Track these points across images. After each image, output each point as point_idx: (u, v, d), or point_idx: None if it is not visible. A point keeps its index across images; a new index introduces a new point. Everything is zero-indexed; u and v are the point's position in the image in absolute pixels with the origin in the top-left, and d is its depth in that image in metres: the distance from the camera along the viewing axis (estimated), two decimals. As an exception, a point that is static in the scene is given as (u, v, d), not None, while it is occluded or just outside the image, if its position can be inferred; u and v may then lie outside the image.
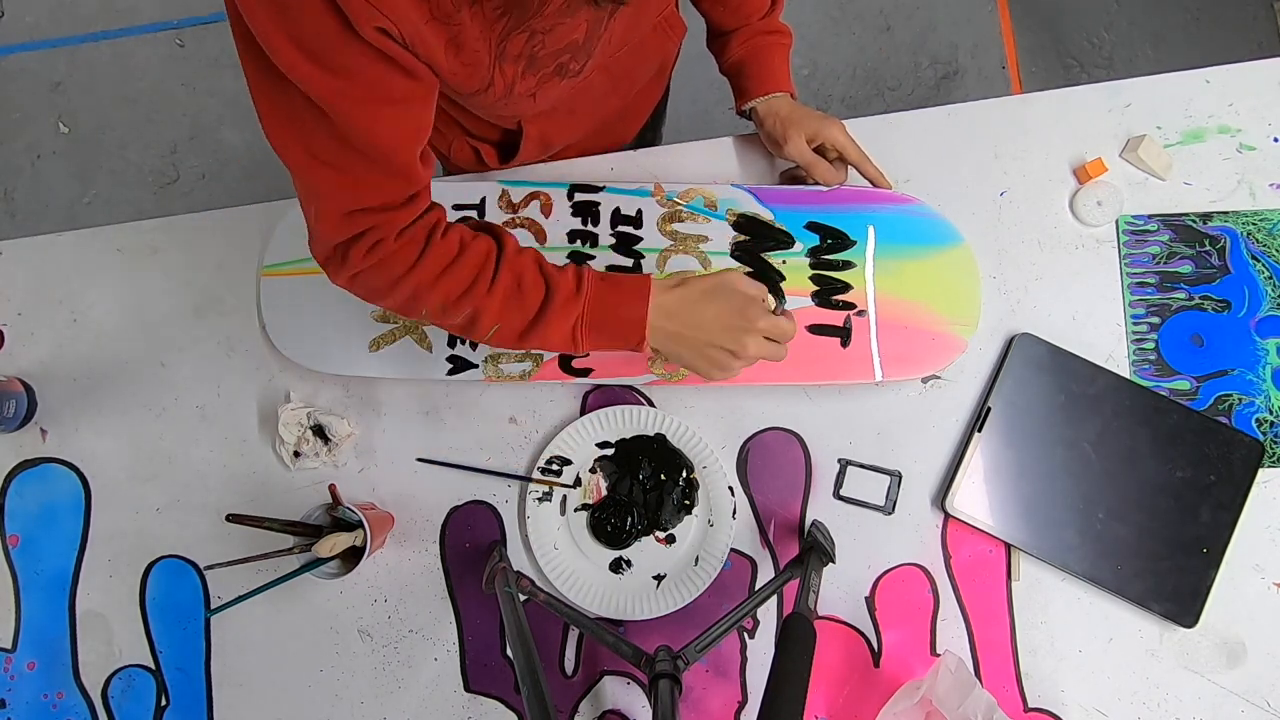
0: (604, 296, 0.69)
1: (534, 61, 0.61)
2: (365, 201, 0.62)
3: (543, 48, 0.60)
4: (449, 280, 0.66)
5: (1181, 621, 0.81)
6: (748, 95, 0.89)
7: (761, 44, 0.88)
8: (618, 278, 0.70)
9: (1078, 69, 1.92)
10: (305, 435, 0.86)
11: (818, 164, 0.86)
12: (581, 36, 0.63)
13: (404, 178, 0.62)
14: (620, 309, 0.69)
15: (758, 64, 0.88)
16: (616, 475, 0.86)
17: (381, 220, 0.63)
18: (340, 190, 0.61)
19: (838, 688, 0.84)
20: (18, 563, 0.89)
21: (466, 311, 0.68)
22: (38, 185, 1.98)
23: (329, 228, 0.63)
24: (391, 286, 0.66)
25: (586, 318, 0.69)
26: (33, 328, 0.92)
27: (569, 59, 0.64)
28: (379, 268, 0.65)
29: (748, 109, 0.90)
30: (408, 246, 0.65)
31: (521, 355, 0.85)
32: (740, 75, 0.89)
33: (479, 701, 0.85)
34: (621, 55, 0.76)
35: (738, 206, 0.88)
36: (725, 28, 0.89)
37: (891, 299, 0.85)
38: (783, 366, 0.83)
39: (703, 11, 0.90)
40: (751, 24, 0.87)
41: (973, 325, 0.85)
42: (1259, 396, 0.85)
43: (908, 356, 0.84)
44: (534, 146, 0.87)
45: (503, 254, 0.68)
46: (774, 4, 0.88)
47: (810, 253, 0.87)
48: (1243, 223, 0.87)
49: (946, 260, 0.86)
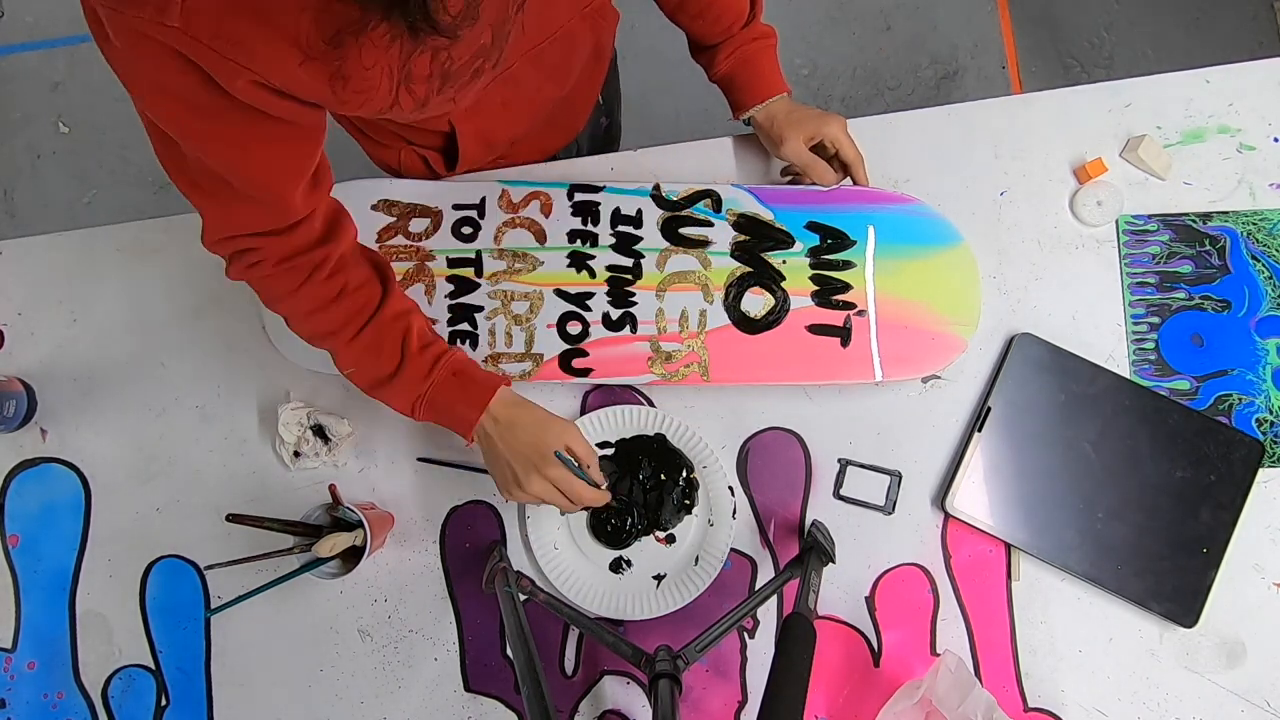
0: (448, 391, 0.74)
1: (449, 76, 0.61)
2: (240, 229, 0.65)
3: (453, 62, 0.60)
4: (318, 319, 0.71)
5: (1181, 621, 0.81)
6: (744, 106, 0.88)
7: (748, 52, 0.86)
8: (471, 375, 0.75)
9: (1078, 69, 1.92)
10: (305, 435, 0.86)
11: (815, 165, 0.86)
12: (489, 39, 0.62)
13: (279, 210, 0.64)
14: (457, 406, 0.74)
15: (748, 73, 0.87)
16: (616, 475, 0.86)
17: (259, 244, 0.66)
18: (217, 216, 0.64)
19: (838, 688, 0.84)
20: (18, 563, 0.89)
21: (327, 348, 0.74)
22: (38, 185, 1.98)
23: (210, 243, 0.67)
24: (271, 302, 0.72)
25: (427, 399, 0.74)
26: (33, 328, 0.92)
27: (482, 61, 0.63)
28: (258, 285, 0.70)
29: (745, 119, 0.89)
30: (287, 275, 0.68)
31: (521, 355, 0.85)
32: (732, 87, 0.88)
33: (479, 701, 0.85)
34: (549, 46, 0.75)
35: (738, 206, 0.88)
36: (708, 41, 0.87)
37: (892, 299, 0.85)
38: (783, 367, 0.84)
39: (681, 26, 0.88)
40: (734, 34, 0.85)
41: (973, 325, 0.85)
42: (1259, 396, 0.85)
43: (908, 356, 0.84)
44: (475, 145, 0.87)
45: (376, 314, 0.72)
46: (754, 9, 0.86)
47: (810, 252, 0.87)
48: (1243, 223, 0.87)
49: (946, 260, 0.86)
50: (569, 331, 0.86)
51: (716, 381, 0.84)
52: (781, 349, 0.85)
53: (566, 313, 0.86)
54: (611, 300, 0.86)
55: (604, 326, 0.86)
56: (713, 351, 0.85)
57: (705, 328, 0.85)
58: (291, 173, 0.62)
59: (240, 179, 0.59)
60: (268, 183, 0.61)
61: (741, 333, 0.85)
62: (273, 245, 0.66)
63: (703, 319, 0.85)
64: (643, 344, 0.85)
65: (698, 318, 0.86)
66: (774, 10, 1.95)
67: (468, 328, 0.86)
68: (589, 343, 0.86)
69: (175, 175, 0.61)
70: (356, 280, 0.71)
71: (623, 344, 0.86)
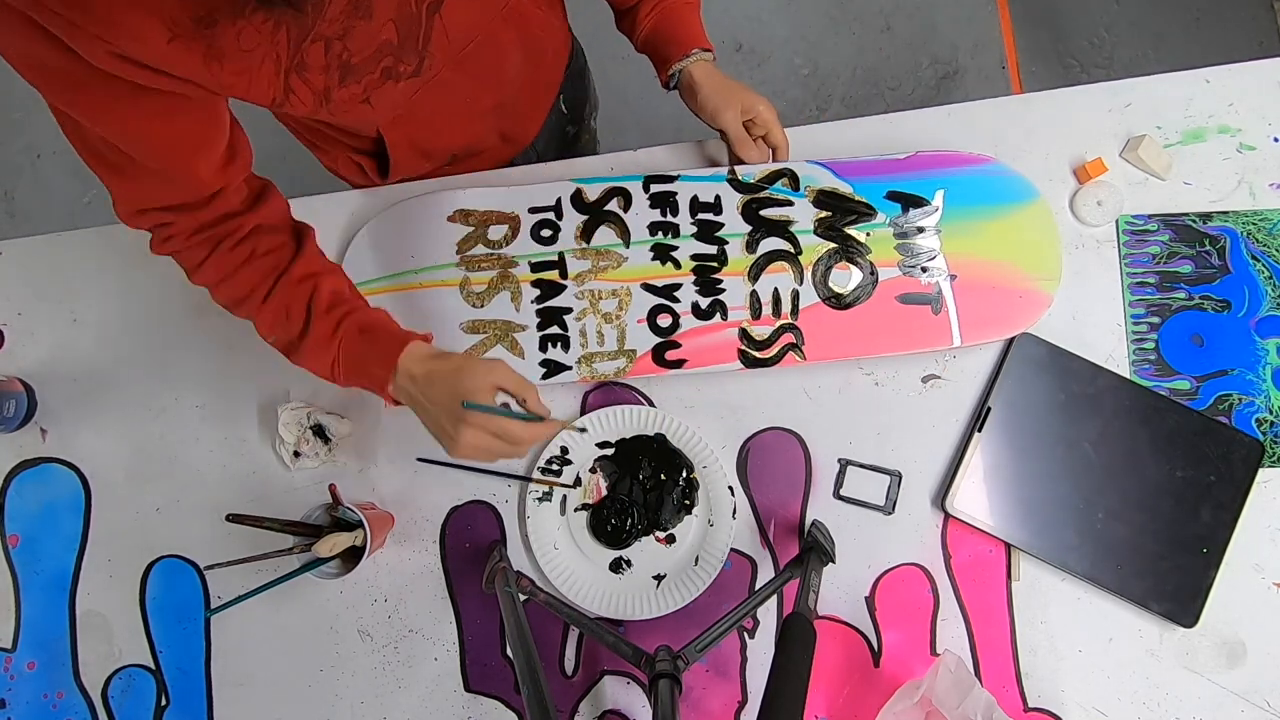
0: (355, 350, 0.72)
1: (350, 69, 0.60)
2: (148, 203, 0.65)
3: (351, 55, 0.59)
4: (230, 286, 0.71)
5: (1181, 621, 0.81)
6: (669, 61, 0.86)
7: (669, 7, 0.85)
8: (376, 334, 0.72)
9: (1078, 69, 1.92)
10: (305, 435, 0.86)
11: (747, 144, 0.86)
12: (395, 37, 0.61)
13: (185, 184, 0.64)
14: (368, 364, 0.71)
15: (670, 27, 0.86)
16: (616, 475, 0.86)
17: (171, 219, 0.66)
18: (125, 190, 0.64)
19: (838, 688, 0.84)
20: (18, 563, 0.89)
21: (245, 315, 0.73)
22: (38, 185, 1.98)
23: (124, 216, 0.66)
24: (190, 274, 0.71)
25: (341, 361, 0.72)
26: (33, 328, 0.92)
27: (393, 61, 0.62)
28: (177, 259, 0.70)
29: (674, 74, 0.87)
30: (197, 248, 0.69)
31: (614, 352, 0.86)
32: (655, 44, 0.87)
33: (479, 701, 0.85)
34: (473, 51, 0.73)
35: (816, 183, 0.87)
36: (627, 3, 0.87)
37: (969, 261, 0.85)
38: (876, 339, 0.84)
39: None
40: None
41: (1056, 279, 0.84)
42: (1259, 396, 0.85)
43: (991, 318, 0.84)
44: (407, 153, 0.86)
45: (283, 277, 0.71)
46: None
47: (893, 223, 0.86)
48: (1243, 223, 0.87)
49: (1024, 217, 0.85)
50: (659, 325, 0.86)
51: (813, 360, 0.84)
52: (874, 321, 0.85)
53: (656, 306, 0.86)
54: (699, 289, 0.86)
55: (694, 316, 0.86)
56: (807, 331, 0.85)
57: (799, 307, 0.85)
58: (189, 146, 0.61)
59: (137, 151, 0.58)
60: (164, 155, 0.60)
61: (832, 309, 0.85)
62: (184, 219, 0.66)
63: (795, 299, 0.85)
64: (733, 330, 0.85)
65: (790, 299, 0.85)
66: (774, 10, 1.96)
67: (558, 331, 0.86)
68: (680, 334, 0.86)
69: (79, 148, 0.60)
70: (266, 245, 0.71)
71: (714, 332, 0.85)
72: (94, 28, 0.47)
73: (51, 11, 0.46)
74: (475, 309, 0.88)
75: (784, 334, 0.85)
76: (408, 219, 0.89)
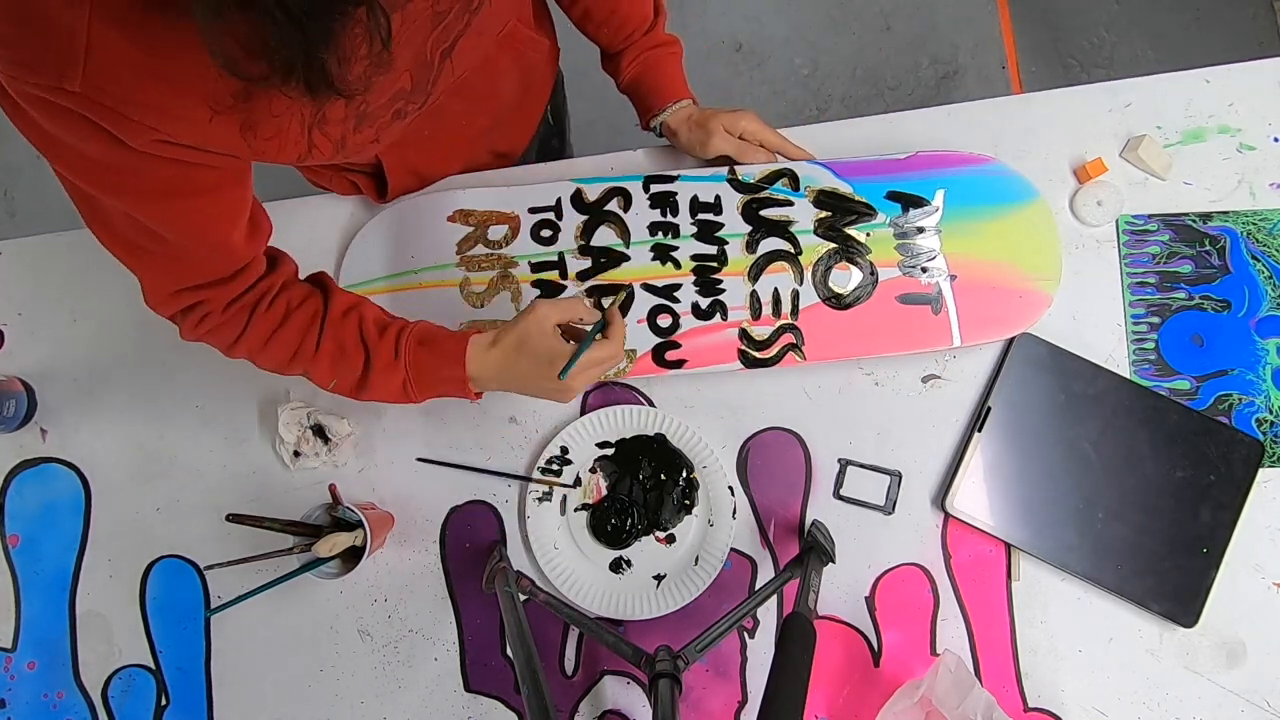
0: (422, 361, 0.72)
1: (366, 117, 0.61)
2: (187, 281, 0.65)
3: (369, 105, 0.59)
4: (276, 346, 0.70)
5: (1181, 621, 0.81)
6: (651, 110, 0.89)
7: (652, 58, 0.88)
8: (436, 340, 0.73)
9: (1078, 69, 1.92)
10: (305, 435, 0.86)
11: (746, 149, 0.87)
12: (409, 84, 0.61)
13: (223, 257, 0.64)
14: (441, 370, 0.72)
15: (654, 77, 0.88)
16: (616, 475, 0.86)
17: (207, 295, 0.66)
18: (161, 272, 0.64)
19: (838, 688, 0.84)
20: (18, 563, 0.89)
21: (299, 372, 0.73)
22: (38, 185, 1.98)
23: (156, 304, 0.67)
24: (228, 349, 0.71)
25: (413, 378, 0.72)
26: (33, 328, 0.92)
27: (404, 104, 0.63)
28: (211, 336, 0.70)
29: (656, 124, 0.90)
30: (235, 318, 0.68)
31: None
32: (639, 92, 0.90)
33: (479, 701, 0.85)
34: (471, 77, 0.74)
35: (816, 183, 0.87)
36: (613, 48, 0.89)
37: (968, 261, 0.85)
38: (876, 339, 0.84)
39: (589, 36, 0.89)
40: (637, 40, 0.87)
41: (1055, 279, 0.84)
42: (1259, 396, 0.85)
43: (991, 318, 0.84)
44: (404, 176, 0.87)
45: (326, 319, 0.71)
46: (657, 15, 0.87)
47: (893, 223, 0.86)
48: (1243, 223, 0.87)
49: (1024, 217, 0.85)
50: (659, 325, 0.86)
51: (813, 360, 0.84)
52: (874, 321, 0.85)
53: (656, 306, 0.86)
54: (699, 289, 0.86)
55: (694, 316, 0.86)
56: (807, 331, 0.85)
57: (799, 307, 0.85)
58: (225, 217, 0.61)
59: (176, 231, 0.58)
60: (204, 230, 0.60)
61: (832, 309, 0.85)
62: (220, 294, 0.66)
63: (795, 299, 0.85)
64: (733, 330, 0.85)
65: (790, 299, 0.85)
66: (774, 10, 1.96)
67: None
68: (680, 334, 0.86)
69: (107, 240, 0.60)
70: (299, 298, 0.71)
71: (714, 332, 0.86)
72: (145, 117, 0.47)
73: (105, 107, 0.46)
74: (475, 309, 0.88)
75: (784, 334, 0.85)
76: (408, 219, 0.90)
